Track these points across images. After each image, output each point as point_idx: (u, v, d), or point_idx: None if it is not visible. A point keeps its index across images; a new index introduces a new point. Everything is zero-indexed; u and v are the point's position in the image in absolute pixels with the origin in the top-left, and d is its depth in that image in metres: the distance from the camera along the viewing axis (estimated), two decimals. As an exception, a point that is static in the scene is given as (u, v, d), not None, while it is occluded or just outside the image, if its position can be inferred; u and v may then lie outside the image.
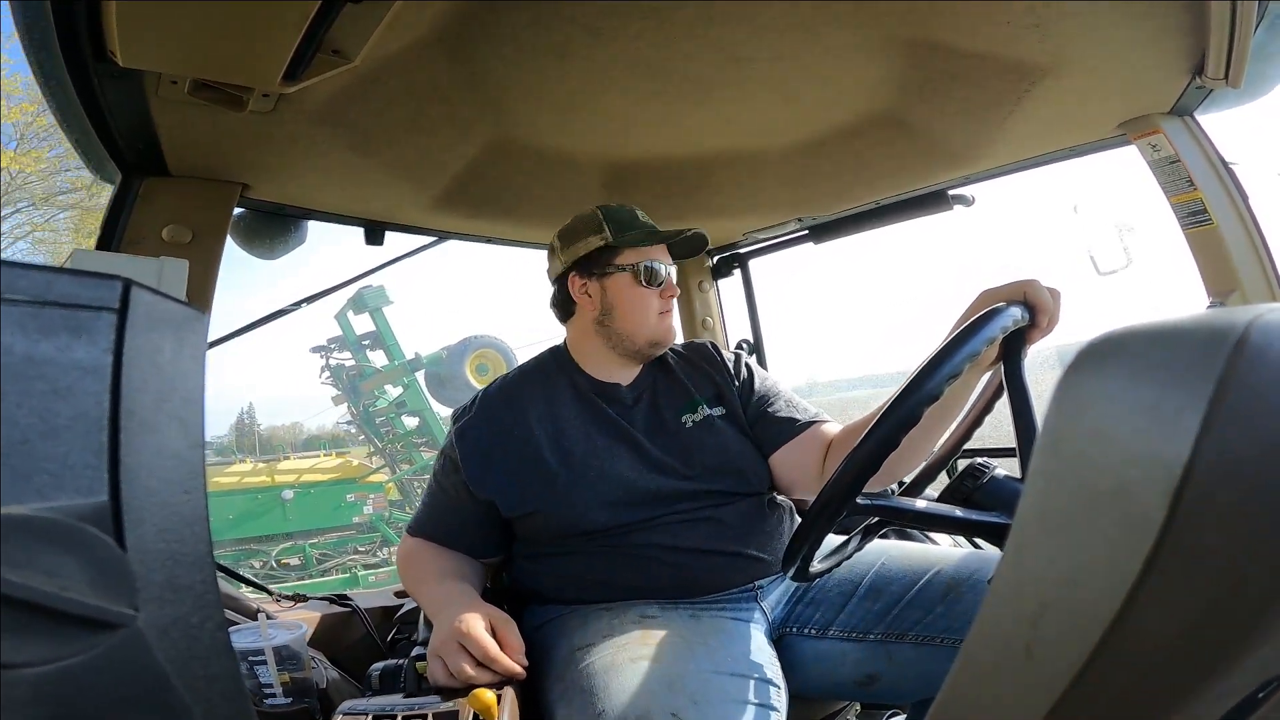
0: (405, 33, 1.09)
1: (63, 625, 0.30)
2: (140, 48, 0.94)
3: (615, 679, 0.95)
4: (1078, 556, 0.35)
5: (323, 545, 12.25)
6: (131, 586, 0.31)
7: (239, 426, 25.05)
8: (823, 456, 1.25)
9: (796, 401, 1.35)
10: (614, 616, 1.11)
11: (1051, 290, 0.93)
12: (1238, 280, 1.37)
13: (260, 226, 1.58)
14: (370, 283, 13.51)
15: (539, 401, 1.29)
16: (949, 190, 1.87)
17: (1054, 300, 0.93)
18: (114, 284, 0.33)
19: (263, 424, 26.07)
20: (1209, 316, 0.34)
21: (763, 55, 1.26)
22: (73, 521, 0.29)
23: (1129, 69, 1.29)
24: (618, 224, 1.29)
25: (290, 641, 1.06)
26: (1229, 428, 0.31)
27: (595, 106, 1.41)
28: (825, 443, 1.26)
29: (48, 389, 0.30)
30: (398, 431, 14.02)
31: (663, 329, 1.31)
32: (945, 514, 0.75)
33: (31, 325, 0.30)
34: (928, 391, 0.76)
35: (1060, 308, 0.94)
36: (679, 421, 1.29)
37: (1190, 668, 0.37)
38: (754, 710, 0.94)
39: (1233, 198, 1.39)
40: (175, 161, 1.28)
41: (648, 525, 1.19)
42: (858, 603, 1.17)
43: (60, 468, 0.29)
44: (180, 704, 0.34)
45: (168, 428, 0.33)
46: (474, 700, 0.85)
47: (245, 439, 22.75)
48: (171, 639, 0.33)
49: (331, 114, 1.24)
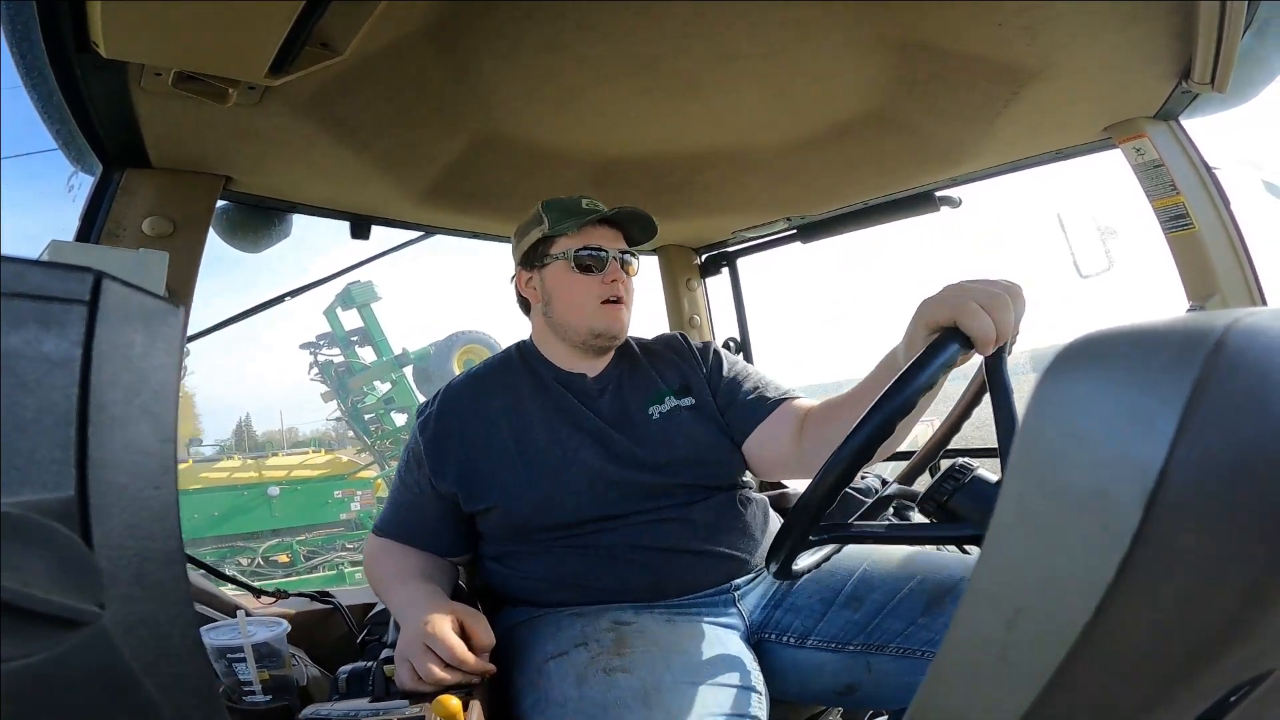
0: (394, 26, 1.09)
1: (27, 623, 0.29)
2: (124, 39, 0.92)
3: (589, 691, 0.93)
4: (1053, 559, 0.35)
5: (310, 542, 12.21)
6: (98, 583, 0.30)
7: (238, 431, 24.96)
8: (798, 430, 1.21)
9: (766, 381, 1.32)
10: (587, 623, 1.09)
11: (1010, 287, 0.83)
12: (1217, 284, 1.39)
13: (244, 219, 1.56)
14: (358, 278, 13.47)
15: (502, 393, 1.27)
16: (937, 191, 1.88)
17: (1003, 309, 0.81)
18: (85, 276, 0.32)
19: (260, 429, 25.84)
20: (1187, 320, 0.34)
21: (754, 53, 1.26)
22: (37, 517, 0.28)
23: (1116, 73, 1.30)
24: (557, 213, 1.27)
25: (270, 639, 1.05)
26: (1205, 430, 0.31)
27: (584, 102, 1.40)
28: (800, 417, 1.23)
29: (14, 382, 0.29)
30: (386, 428, 13.98)
31: (606, 317, 1.26)
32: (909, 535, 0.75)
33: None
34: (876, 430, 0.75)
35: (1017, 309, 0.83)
36: (645, 413, 1.26)
37: (1165, 671, 0.38)
38: None
39: (1214, 202, 1.41)
40: (157, 153, 1.26)
41: (614, 522, 1.16)
42: (837, 610, 1.14)
43: (25, 462, 0.29)
44: (149, 702, 0.34)
45: (138, 422, 0.33)
46: (438, 707, 0.84)
47: (243, 442, 22.64)
48: (140, 636, 0.32)
49: (318, 107, 1.23)
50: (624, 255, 1.29)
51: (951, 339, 0.79)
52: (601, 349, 1.31)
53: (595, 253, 1.25)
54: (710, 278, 2.42)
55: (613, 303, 1.26)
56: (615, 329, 1.27)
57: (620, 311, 1.28)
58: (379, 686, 0.96)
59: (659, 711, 0.88)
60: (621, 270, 1.28)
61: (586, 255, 1.25)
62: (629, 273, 1.30)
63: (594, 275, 1.25)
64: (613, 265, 1.26)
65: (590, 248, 1.25)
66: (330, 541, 12.39)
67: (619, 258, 1.28)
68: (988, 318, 0.80)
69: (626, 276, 1.29)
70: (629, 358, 1.35)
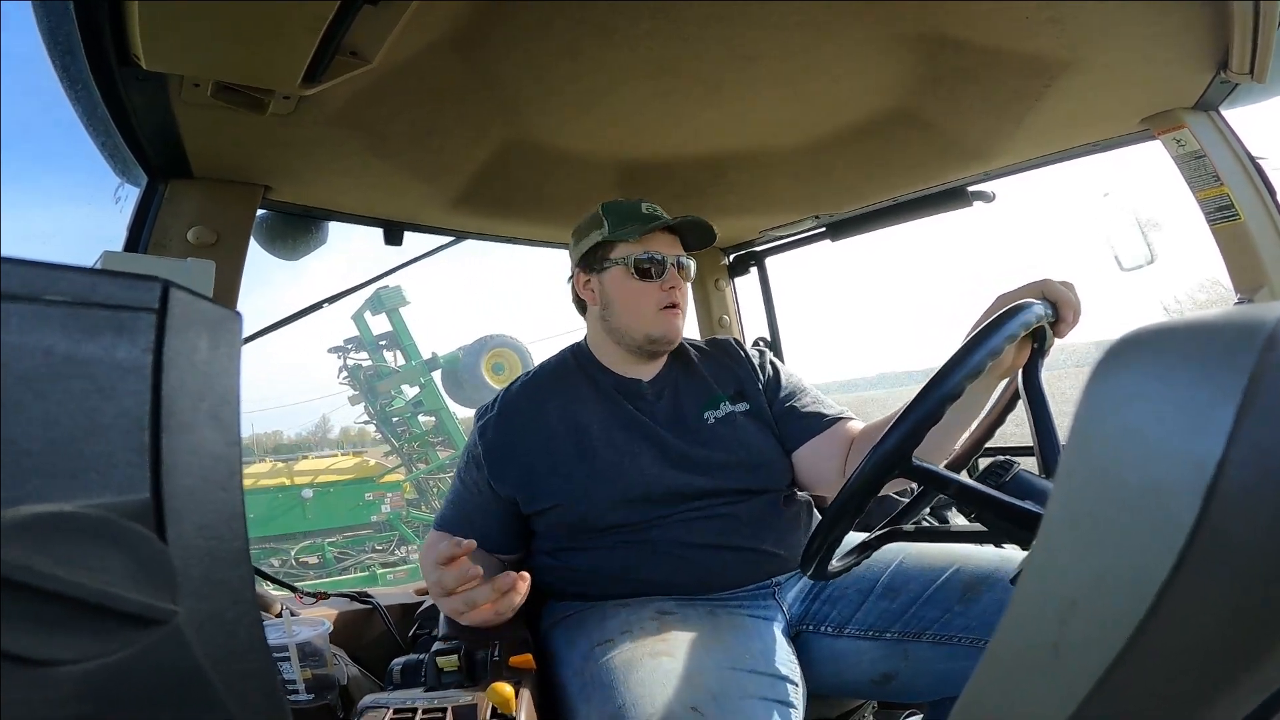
0: (421, 34, 1.10)
1: (107, 621, 0.30)
2: (163, 51, 0.95)
3: (634, 674, 0.95)
4: (1107, 554, 0.34)
5: (341, 544, 12.37)
6: (173, 582, 0.31)
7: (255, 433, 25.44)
8: (845, 453, 1.24)
9: (822, 398, 1.35)
10: (631, 613, 1.11)
11: (1066, 284, 0.92)
12: (1266, 275, 1.35)
13: (282, 228, 1.60)
14: (387, 283, 13.65)
15: (559, 398, 1.29)
16: (968, 186, 1.86)
17: (1073, 293, 0.91)
18: (153, 285, 0.33)
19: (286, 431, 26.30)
20: (1239, 312, 0.34)
21: (774, 53, 1.26)
22: (117, 518, 0.30)
23: (1151, 64, 1.27)
24: (617, 217, 1.28)
25: (313, 638, 1.07)
26: (1262, 425, 0.31)
27: (608, 106, 1.41)
28: (849, 439, 1.26)
29: (91, 388, 0.31)
30: (414, 431, 14.12)
31: (664, 324, 1.28)
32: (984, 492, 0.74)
33: (74, 326, 0.31)
34: (949, 389, 0.75)
35: (1079, 300, 0.92)
36: (700, 418, 1.28)
37: (1219, 667, 0.37)
38: (773, 707, 0.94)
39: (1260, 193, 1.38)
40: (199, 164, 1.29)
41: (664, 521, 1.19)
42: (874, 601, 1.15)
43: (105, 465, 0.30)
44: (216, 699, 0.35)
45: (205, 426, 0.34)
46: (493, 694, 0.86)
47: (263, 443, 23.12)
48: (209, 634, 0.33)
49: (350, 115, 1.25)
50: (680, 260, 1.30)
51: (1033, 304, 0.83)
52: (656, 353, 1.33)
53: (655, 259, 1.27)
54: (739, 277, 2.42)
55: (670, 308, 1.28)
56: (672, 334, 1.29)
57: (677, 317, 1.30)
58: (431, 677, 0.98)
59: (701, 692, 0.91)
60: (678, 275, 1.30)
61: (646, 261, 1.26)
62: (684, 278, 1.31)
63: (653, 282, 1.27)
64: (671, 271, 1.28)
65: (651, 255, 1.27)
66: (360, 543, 12.55)
67: (677, 263, 1.29)
68: (1071, 294, 0.90)
69: (682, 282, 1.31)
70: (683, 361, 1.37)
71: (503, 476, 1.24)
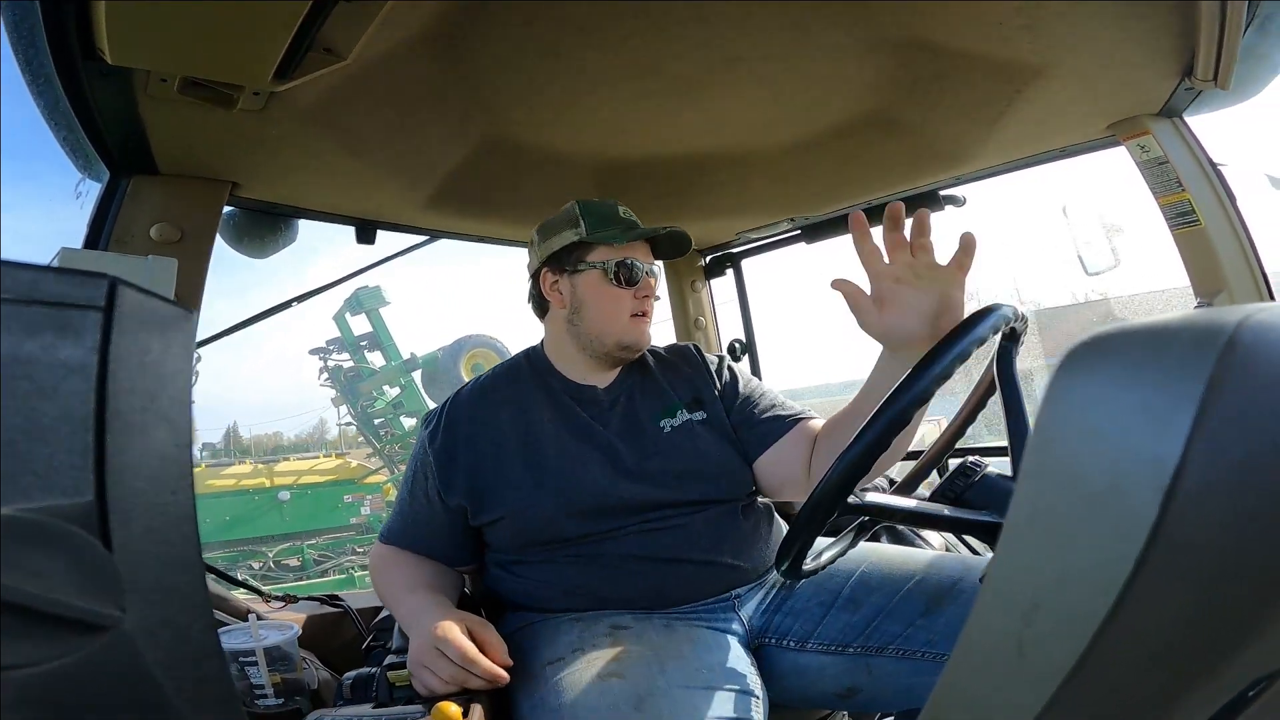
0: (397, 31, 1.09)
1: (50, 627, 0.29)
2: (130, 46, 0.93)
3: (584, 698, 0.93)
4: (1070, 555, 0.35)
5: (320, 546, 12.22)
6: (118, 588, 0.30)
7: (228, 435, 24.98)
8: (808, 454, 1.21)
9: (780, 401, 1.32)
10: (585, 628, 1.09)
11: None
12: (1225, 281, 1.38)
13: (250, 225, 1.56)
14: (366, 283, 13.51)
15: (511, 405, 1.26)
16: (940, 190, 1.88)
17: None
18: (100, 282, 0.32)
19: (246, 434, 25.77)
20: (1198, 316, 0.34)
21: (753, 54, 1.26)
22: (58, 522, 0.29)
23: (1119, 70, 1.29)
24: (595, 219, 1.26)
25: (281, 642, 1.06)
26: (1220, 427, 0.31)
27: (586, 106, 1.40)
28: (811, 438, 1.23)
29: (32, 389, 0.30)
30: (395, 432, 13.99)
31: (635, 332, 1.26)
32: (935, 513, 0.75)
33: (16, 324, 0.30)
34: (918, 393, 0.75)
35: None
36: (656, 426, 1.25)
37: (1182, 666, 0.38)
38: None
39: (1220, 199, 1.40)
40: (164, 160, 1.26)
41: (617, 534, 1.15)
42: (836, 613, 1.13)
43: (45, 468, 0.29)
44: (169, 705, 0.34)
45: (155, 427, 0.33)
46: (437, 714, 0.84)
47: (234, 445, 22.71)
48: (160, 640, 0.33)
49: (323, 112, 1.23)
50: (651, 269, 1.29)
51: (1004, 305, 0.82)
52: (621, 361, 1.30)
53: (635, 266, 1.25)
54: (715, 279, 2.42)
55: (641, 316, 1.26)
56: (643, 342, 1.28)
57: (647, 325, 1.28)
58: (383, 692, 0.96)
59: (650, 716, 0.89)
60: (651, 284, 1.28)
61: (627, 268, 1.24)
62: (655, 286, 1.30)
63: (629, 288, 1.25)
64: (645, 279, 1.27)
65: (632, 261, 1.25)
66: (339, 545, 12.40)
67: (650, 271, 1.28)
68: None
69: (653, 290, 1.29)
70: (641, 368, 1.34)
71: (451, 485, 1.20)
